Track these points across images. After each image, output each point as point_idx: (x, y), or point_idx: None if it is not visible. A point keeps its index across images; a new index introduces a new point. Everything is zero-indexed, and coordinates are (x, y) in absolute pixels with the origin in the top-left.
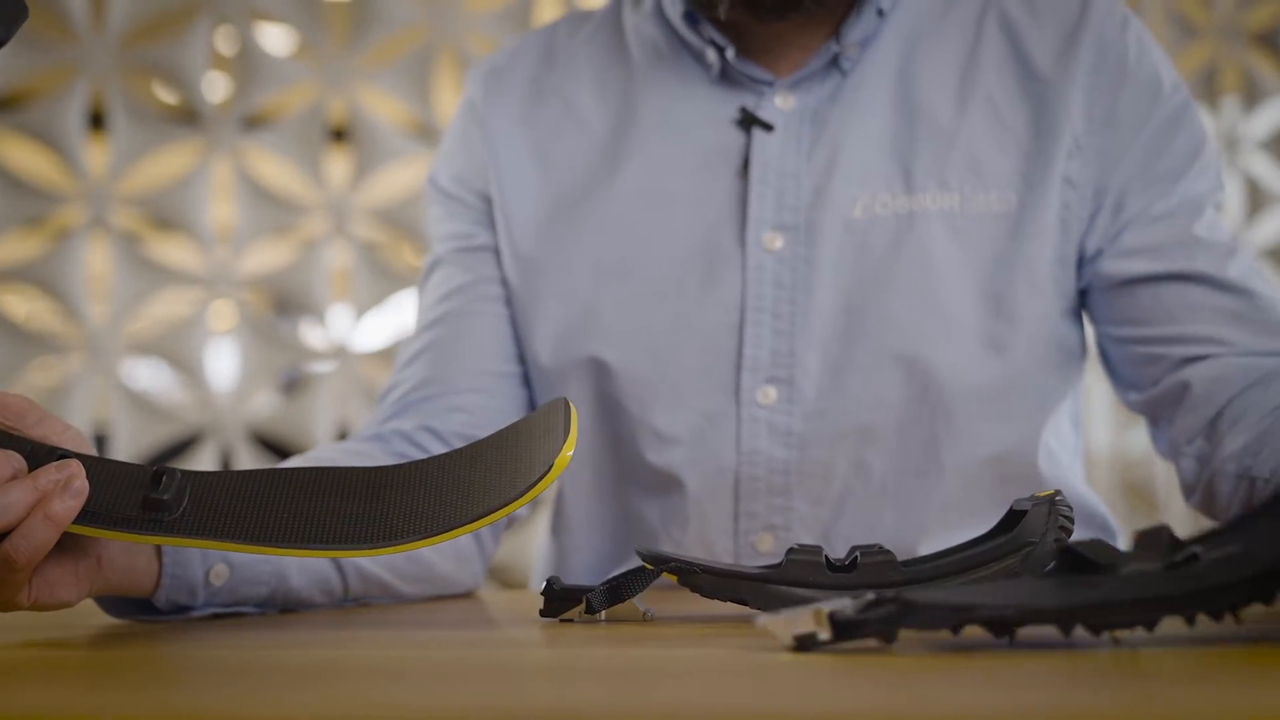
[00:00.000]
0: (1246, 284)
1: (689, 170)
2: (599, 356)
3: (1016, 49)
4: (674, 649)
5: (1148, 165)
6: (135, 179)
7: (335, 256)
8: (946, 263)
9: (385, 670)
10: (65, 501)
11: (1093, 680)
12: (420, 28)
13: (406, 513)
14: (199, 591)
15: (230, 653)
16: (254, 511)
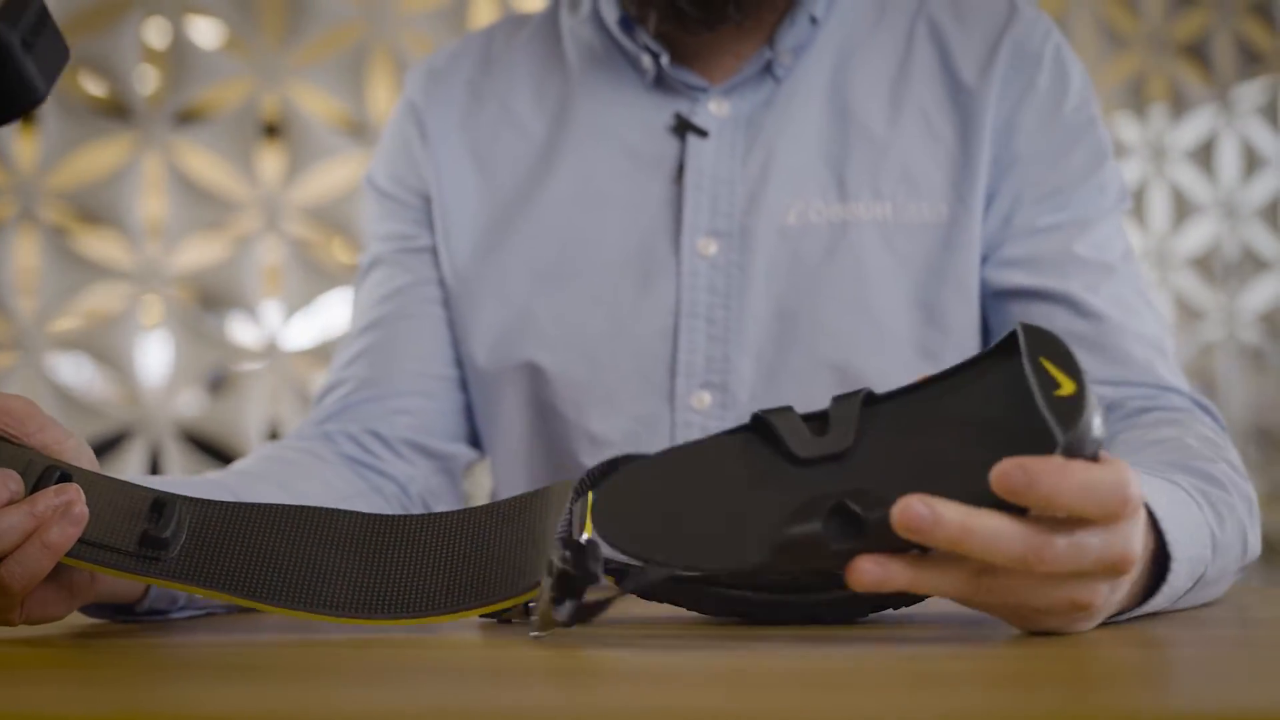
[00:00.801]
0: (1111, 309)
1: (624, 175)
2: (534, 361)
3: (945, 58)
4: (611, 649)
5: (1040, 177)
6: (65, 173)
7: (267, 253)
8: (879, 271)
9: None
10: (64, 530)
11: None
12: (355, 25)
13: (410, 583)
14: (181, 600)
15: (210, 650)
16: (252, 556)
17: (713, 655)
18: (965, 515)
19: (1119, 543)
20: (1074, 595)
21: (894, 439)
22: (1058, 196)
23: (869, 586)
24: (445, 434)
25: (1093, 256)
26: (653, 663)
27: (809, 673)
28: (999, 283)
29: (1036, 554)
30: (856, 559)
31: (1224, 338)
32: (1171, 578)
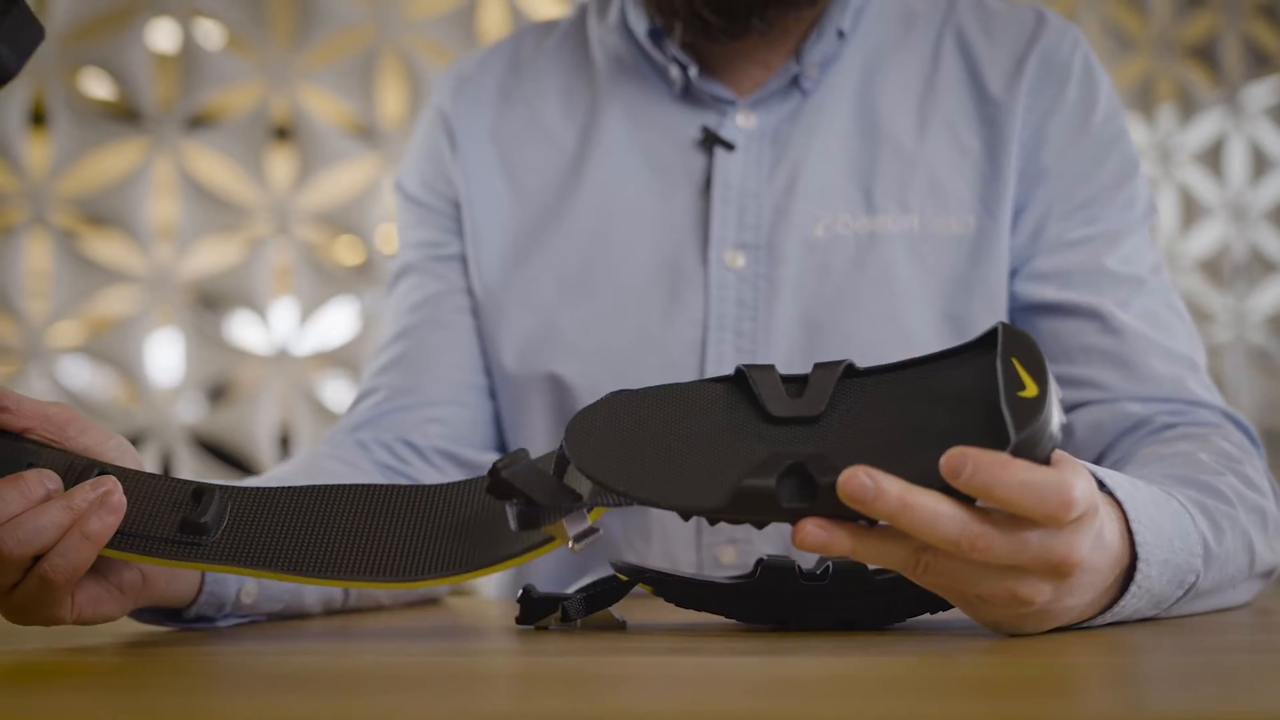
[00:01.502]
0: (1142, 324)
1: (651, 187)
2: (558, 373)
3: (972, 70)
4: (650, 657)
5: (1070, 191)
6: (76, 177)
7: (277, 257)
8: (907, 284)
9: (384, 677)
10: (102, 519)
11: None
12: (364, 29)
13: (446, 541)
14: (228, 607)
15: (254, 659)
16: (293, 536)
17: (746, 662)
18: (905, 491)
19: (1060, 545)
20: (1014, 589)
21: (864, 412)
22: (1087, 210)
23: (811, 548)
24: (476, 442)
25: (1123, 270)
26: (687, 669)
27: (840, 679)
28: (1029, 296)
29: (970, 540)
30: (803, 521)
31: (1232, 339)
32: (1140, 578)
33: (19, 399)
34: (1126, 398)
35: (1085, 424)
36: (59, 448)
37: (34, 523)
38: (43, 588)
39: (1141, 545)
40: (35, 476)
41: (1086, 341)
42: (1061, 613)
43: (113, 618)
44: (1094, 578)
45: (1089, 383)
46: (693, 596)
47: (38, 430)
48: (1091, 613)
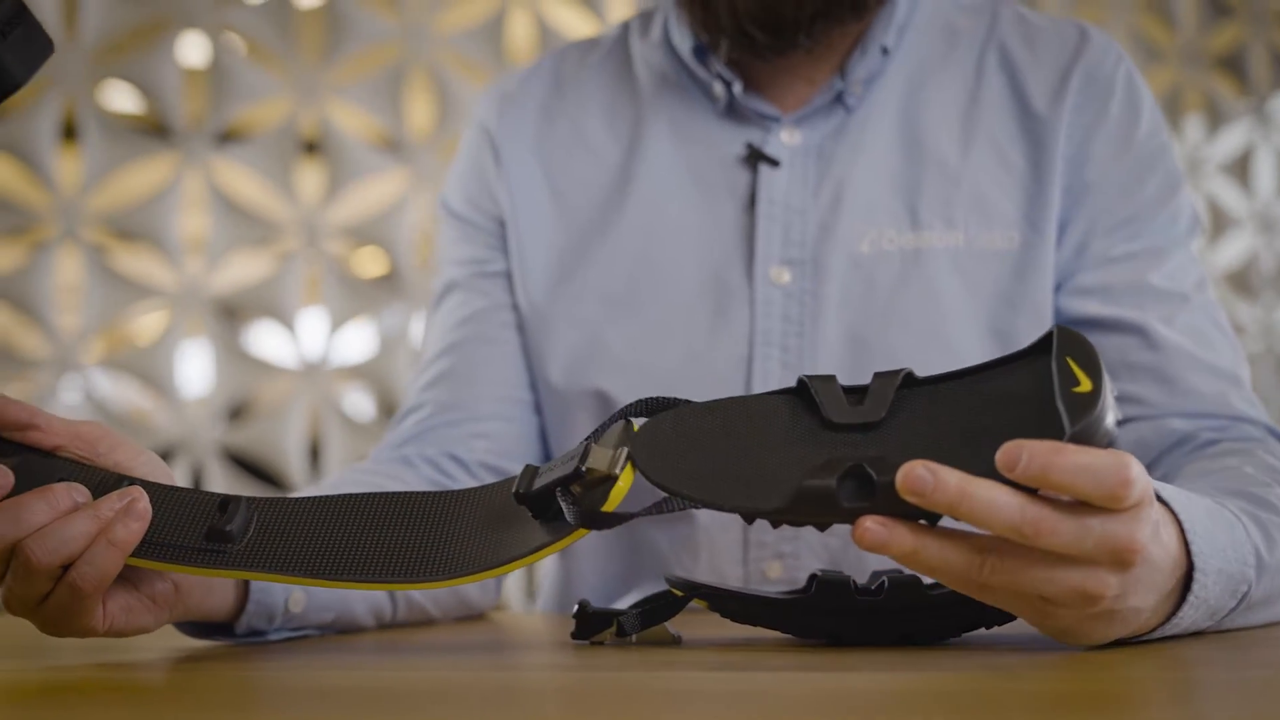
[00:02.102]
0: (1185, 340)
1: (696, 204)
2: (604, 389)
3: (1016, 86)
4: (706, 672)
5: (1114, 207)
6: (106, 193)
7: (306, 271)
8: (953, 300)
9: (437, 692)
10: (128, 526)
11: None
12: (393, 44)
13: (469, 542)
14: (278, 618)
15: (298, 674)
16: (320, 543)
17: (803, 677)
18: (964, 481)
19: (1122, 531)
20: (1080, 584)
21: (923, 417)
22: (1131, 225)
23: (871, 546)
24: (521, 457)
25: (1167, 286)
26: (743, 685)
27: (897, 694)
28: (1073, 311)
29: (1033, 525)
30: (864, 520)
31: (1261, 351)
32: (1197, 588)
33: (50, 417)
34: (1170, 414)
35: (1129, 441)
36: (90, 464)
37: (62, 533)
38: (72, 596)
39: (1198, 555)
40: (63, 489)
41: (1130, 358)
42: (1128, 614)
43: (147, 629)
44: (1156, 575)
45: (1132, 399)
46: (747, 611)
47: (69, 447)
48: (1154, 621)
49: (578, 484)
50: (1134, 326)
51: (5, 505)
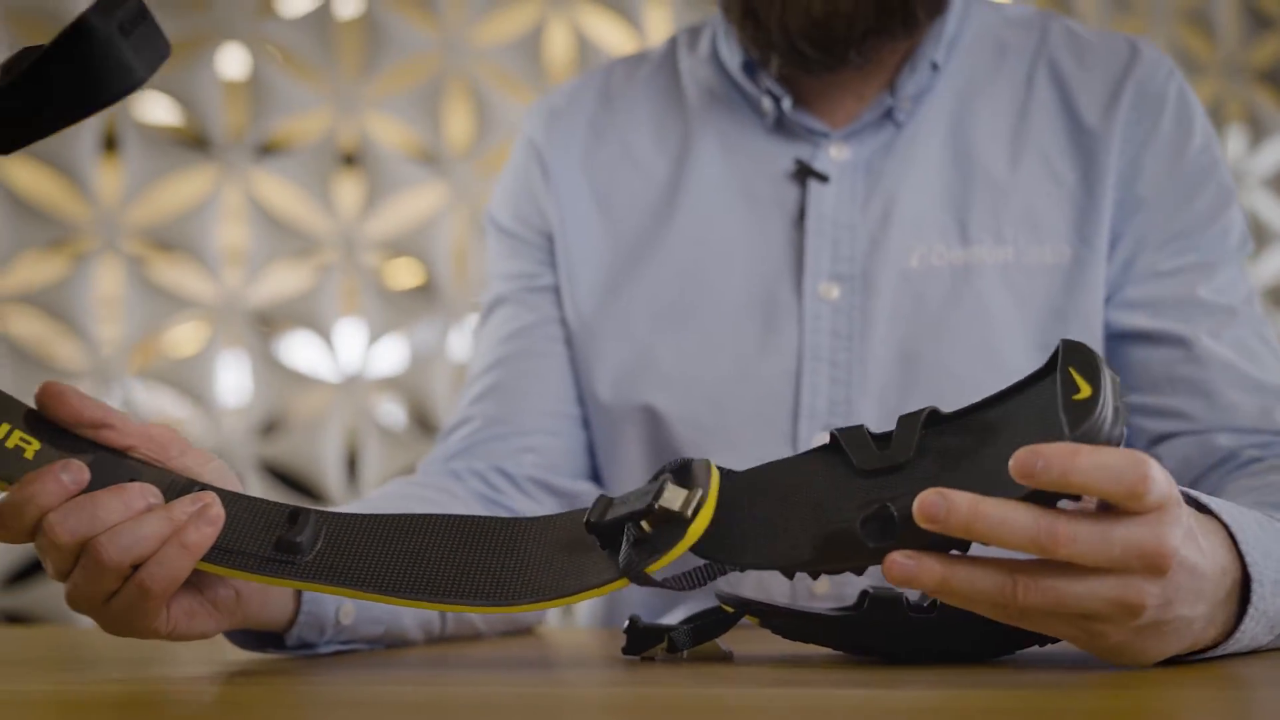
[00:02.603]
0: (1233, 354)
1: (745, 219)
2: (652, 403)
3: (1066, 100)
4: (758, 688)
5: (1164, 222)
6: (146, 205)
7: (344, 283)
8: (1002, 314)
9: (490, 707)
10: (201, 530)
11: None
12: (432, 56)
13: (539, 569)
14: (328, 630)
15: (344, 689)
16: (386, 559)
17: (856, 694)
18: (976, 501)
19: (1149, 535)
20: (1118, 595)
21: (950, 451)
22: (1182, 240)
23: (900, 580)
24: (570, 472)
25: (1215, 300)
26: (796, 701)
27: (950, 711)
28: (1119, 324)
29: (1049, 534)
30: (892, 554)
31: None
32: (1256, 599)
33: (124, 417)
34: (1214, 429)
35: (1173, 457)
36: (160, 467)
37: (135, 531)
38: (140, 596)
39: (1253, 565)
40: (138, 488)
41: (1174, 372)
42: (1178, 626)
43: (207, 634)
44: (1201, 583)
45: (1177, 414)
46: (799, 628)
47: (140, 449)
48: (1211, 633)
49: (647, 520)
50: (1180, 340)
51: (80, 501)
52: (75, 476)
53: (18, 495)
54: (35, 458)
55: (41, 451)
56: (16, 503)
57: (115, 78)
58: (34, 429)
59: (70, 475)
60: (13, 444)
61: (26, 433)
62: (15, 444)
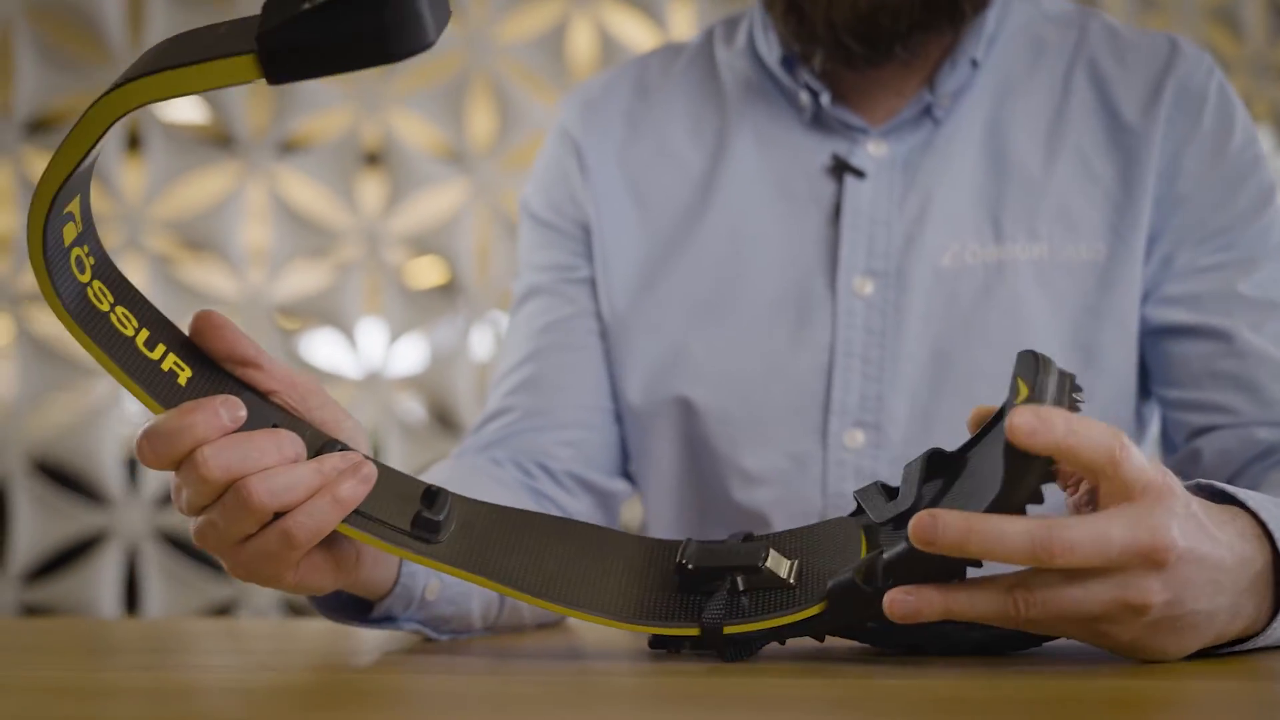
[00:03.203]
0: (1274, 347)
1: (780, 214)
2: (686, 396)
3: (1105, 99)
4: (786, 679)
5: (1204, 218)
6: (170, 202)
7: (367, 281)
8: (1036, 312)
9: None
10: (355, 487)
11: None
12: (455, 54)
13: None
14: (413, 605)
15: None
16: (514, 553)
17: (888, 684)
18: (968, 518)
19: (1145, 528)
20: (1120, 595)
21: (948, 488)
22: (1222, 237)
23: (903, 615)
24: (606, 468)
25: (1257, 295)
26: (831, 691)
27: (986, 701)
28: (1158, 320)
29: (1045, 546)
30: (891, 592)
31: None
32: None
33: (272, 360)
34: (1255, 423)
35: (1213, 450)
36: (299, 417)
37: (286, 478)
38: (281, 544)
39: None
40: (289, 436)
41: (1214, 366)
42: (1196, 620)
43: (325, 590)
44: (1217, 574)
45: (1217, 407)
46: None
47: (283, 394)
48: (1240, 625)
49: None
50: (1220, 333)
51: (236, 438)
52: (234, 414)
53: (174, 422)
54: (187, 385)
55: (193, 380)
56: (171, 430)
57: (412, 33)
58: (186, 355)
59: (229, 411)
60: (168, 367)
61: (179, 358)
62: (170, 368)
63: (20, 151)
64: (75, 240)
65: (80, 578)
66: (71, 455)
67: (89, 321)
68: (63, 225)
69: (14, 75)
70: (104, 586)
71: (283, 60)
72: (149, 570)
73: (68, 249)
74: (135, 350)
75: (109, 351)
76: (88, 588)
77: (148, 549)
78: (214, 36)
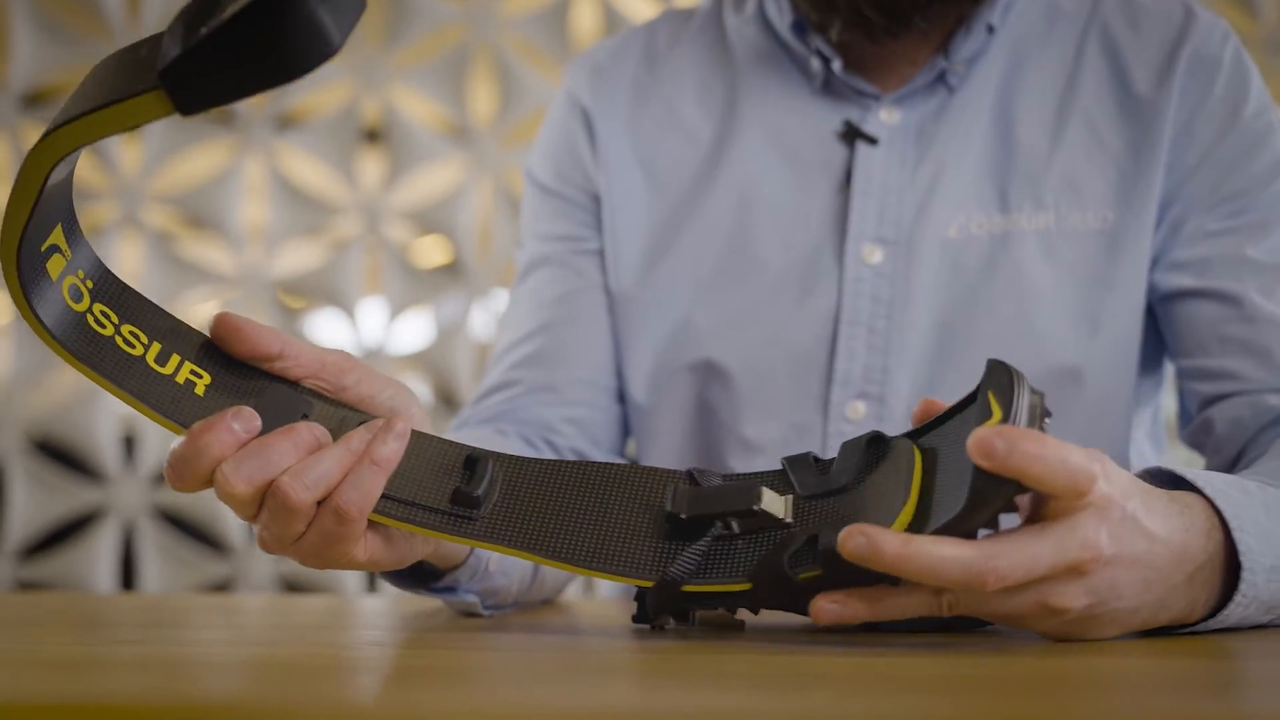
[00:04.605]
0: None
1: (789, 181)
2: (693, 366)
3: (1117, 68)
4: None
5: (1215, 185)
6: (168, 177)
7: (366, 258)
8: (1041, 283)
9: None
10: (389, 444)
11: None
12: (456, 28)
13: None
14: (479, 574)
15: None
16: (559, 517)
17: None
18: (903, 544)
19: (1073, 544)
20: (1042, 600)
21: (888, 474)
22: (1234, 202)
23: (830, 622)
24: (607, 446)
25: (1267, 260)
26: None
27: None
28: (1166, 285)
29: (979, 577)
30: (817, 599)
31: None
32: (1245, 587)
33: (299, 347)
34: (1266, 389)
35: (1225, 419)
36: (334, 399)
37: (316, 467)
38: (338, 523)
39: (1246, 553)
40: (304, 427)
41: (1223, 330)
42: (1117, 614)
43: (403, 562)
44: (1144, 572)
45: (1227, 374)
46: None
47: (315, 378)
48: (1173, 613)
49: (741, 521)
50: (1229, 297)
51: (251, 448)
52: (246, 424)
53: (189, 448)
54: (206, 394)
55: (212, 386)
56: (188, 455)
57: (313, 45)
58: (205, 360)
59: (241, 423)
60: (183, 379)
61: (197, 365)
62: (186, 378)
63: (17, 124)
64: (65, 270)
65: (77, 554)
66: (68, 432)
67: (92, 352)
68: (45, 262)
69: (10, 48)
70: (100, 563)
71: (190, 91)
72: (145, 547)
73: (57, 282)
74: (146, 370)
75: (116, 380)
76: (84, 564)
77: (144, 526)
78: (133, 62)
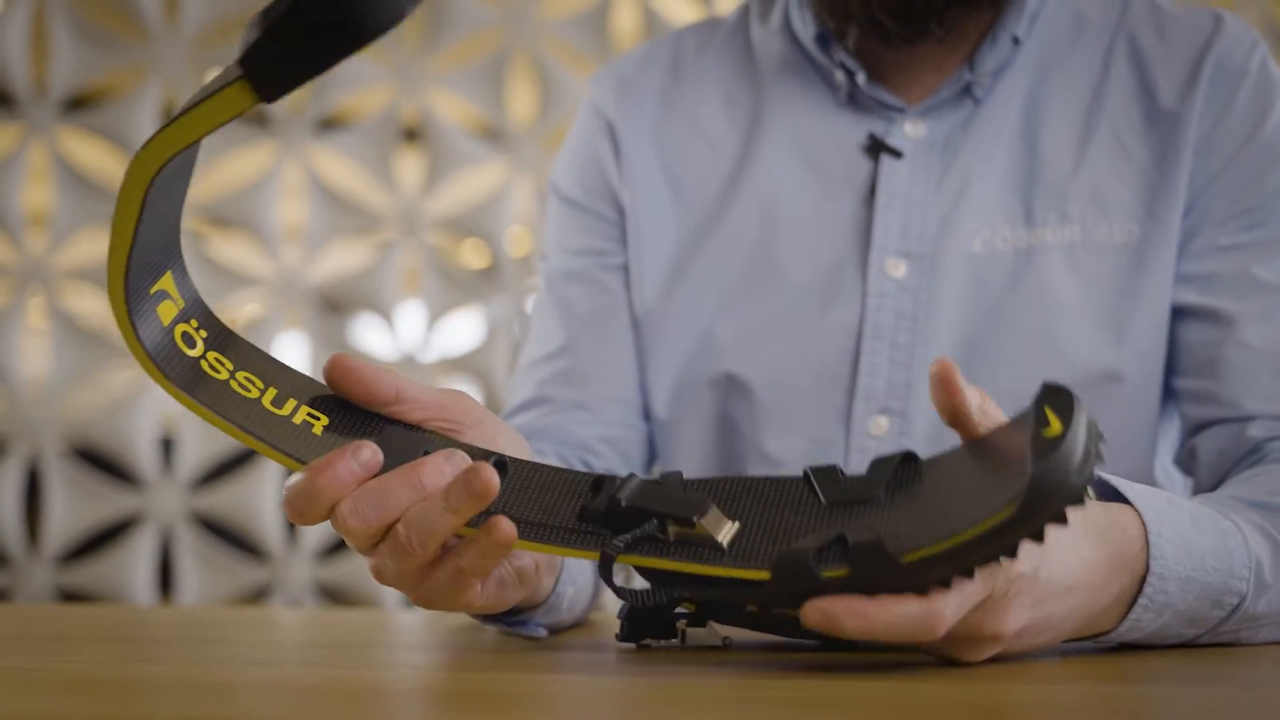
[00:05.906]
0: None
1: (813, 194)
2: (715, 381)
3: (1144, 79)
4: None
5: (1232, 197)
6: (207, 180)
7: (405, 261)
8: (1066, 298)
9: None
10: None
11: None
12: (495, 31)
13: None
14: (552, 610)
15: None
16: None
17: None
18: (863, 613)
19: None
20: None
21: (920, 489)
22: (1249, 216)
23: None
24: (639, 464)
25: (1274, 280)
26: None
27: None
28: (1171, 299)
29: (928, 631)
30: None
31: None
32: (1150, 590)
33: (416, 390)
34: (1249, 418)
35: (1209, 449)
36: (455, 439)
37: (427, 524)
38: (453, 577)
39: (1158, 558)
40: (431, 467)
41: (1216, 354)
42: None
43: (509, 605)
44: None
45: (1214, 399)
46: (777, 623)
47: (433, 421)
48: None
49: (678, 527)
50: (1225, 318)
51: (369, 487)
52: (366, 462)
53: (308, 485)
54: (324, 434)
55: (330, 427)
56: (307, 492)
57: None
58: (322, 405)
59: (361, 462)
60: (300, 420)
61: (313, 408)
62: (303, 420)
63: (55, 130)
64: (177, 318)
65: (114, 561)
66: (106, 437)
67: (208, 394)
68: (155, 306)
69: (50, 53)
70: (138, 570)
71: (271, 76)
72: (183, 553)
73: (169, 328)
74: (263, 411)
75: (234, 420)
76: (122, 571)
77: (182, 532)
78: (224, 69)
